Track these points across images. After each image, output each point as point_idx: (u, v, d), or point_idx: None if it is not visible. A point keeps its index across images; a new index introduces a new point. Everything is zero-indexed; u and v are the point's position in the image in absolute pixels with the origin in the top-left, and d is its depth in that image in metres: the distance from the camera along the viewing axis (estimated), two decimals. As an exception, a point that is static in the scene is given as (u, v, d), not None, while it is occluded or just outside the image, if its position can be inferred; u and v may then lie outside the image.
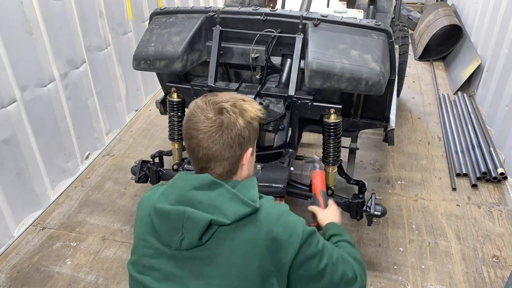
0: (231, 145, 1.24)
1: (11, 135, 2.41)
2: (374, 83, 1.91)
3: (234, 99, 1.29)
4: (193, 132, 1.24)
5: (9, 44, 2.33)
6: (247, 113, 1.28)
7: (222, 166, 1.26)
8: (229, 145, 1.24)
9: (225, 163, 1.26)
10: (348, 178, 2.38)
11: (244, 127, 1.26)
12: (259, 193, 1.26)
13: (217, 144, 1.23)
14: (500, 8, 3.83)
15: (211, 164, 1.25)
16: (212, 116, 1.23)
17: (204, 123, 1.23)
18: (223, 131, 1.23)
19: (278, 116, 2.15)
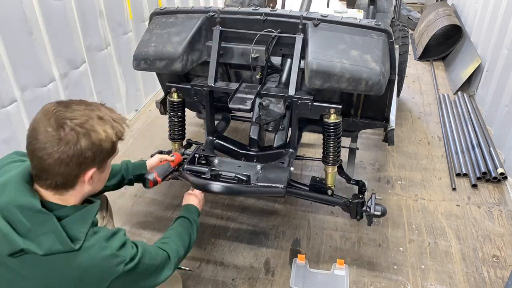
0: (67, 163, 1.19)
1: (11, 135, 2.41)
2: (374, 83, 1.91)
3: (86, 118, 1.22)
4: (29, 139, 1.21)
5: (9, 44, 2.33)
6: (95, 134, 1.21)
7: (55, 180, 1.21)
8: (64, 163, 1.18)
9: (58, 178, 1.21)
10: (348, 178, 2.38)
11: (86, 149, 1.20)
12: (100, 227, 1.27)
13: (51, 158, 1.17)
14: (500, 8, 3.83)
15: (43, 175, 1.21)
16: (51, 130, 1.18)
17: (41, 134, 1.18)
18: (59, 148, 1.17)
19: (278, 116, 2.15)
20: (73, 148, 1.18)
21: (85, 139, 1.19)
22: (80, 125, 1.20)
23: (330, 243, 2.49)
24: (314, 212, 2.71)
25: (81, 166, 1.22)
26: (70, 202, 1.26)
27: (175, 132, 2.41)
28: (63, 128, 1.18)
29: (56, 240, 1.17)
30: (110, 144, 1.26)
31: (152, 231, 2.56)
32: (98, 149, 1.22)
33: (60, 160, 1.17)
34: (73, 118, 1.20)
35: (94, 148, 1.21)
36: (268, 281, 2.26)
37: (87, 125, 1.21)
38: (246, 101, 2.10)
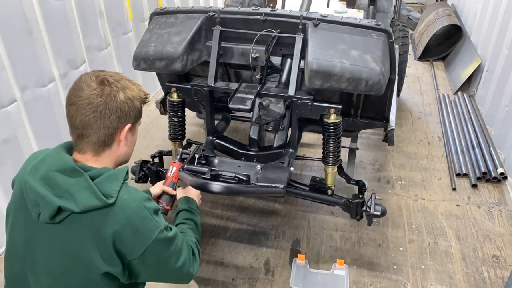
0: (108, 115, 1.30)
1: (11, 135, 2.41)
2: (374, 83, 1.91)
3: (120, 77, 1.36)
4: (73, 99, 1.30)
5: (9, 44, 2.33)
6: (129, 91, 1.35)
7: (97, 135, 1.31)
8: (106, 115, 1.30)
9: (100, 133, 1.31)
10: (348, 178, 2.38)
11: (123, 102, 1.32)
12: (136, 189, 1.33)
13: (94, 112, 1.28)
14: (500, 8, 3.83)
15: (87, 131, 1.31)
16: (93, 85, 1.29)
17: (85, 91, 1.29)
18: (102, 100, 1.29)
19: (278, 116, 2.15)
20: (114, 99, 1.30)
21: (122, 93, 1.32)
22: (117, 81, 1.33)
23: (330, 243, 2.49)
24: (314, 212, 2.71)
25: (119, 120, 1.33)
26: (105, 164, 1.35)
27: (175, 132, 2.41)
28: (104, 83, 1.30)
29: (90, 196, 1.23)
30: (139, 103, 1.39)
31: (152, 231, 2.55)
32: (132, 104, 1.35)
33: (103, 113, 1.29)
34: (111, 76, 1.33)
35: (129, 102, 1.34)
36: (268, 281, 2.26)
37: (122, 82, 1.34)
38: (246, 101, 2.10)
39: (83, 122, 1.29)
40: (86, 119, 1.28)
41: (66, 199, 1.23)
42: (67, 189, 1.24)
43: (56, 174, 1.25)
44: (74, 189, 1.24)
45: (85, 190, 1.24)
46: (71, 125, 1.33)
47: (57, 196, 1.23)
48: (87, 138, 1.31)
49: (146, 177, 2.43)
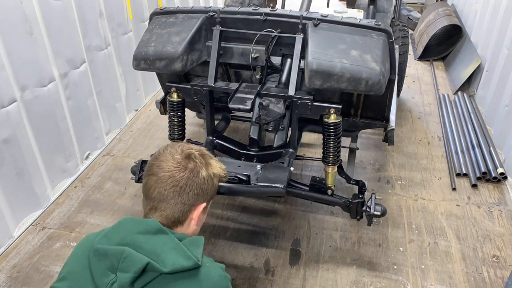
0: (188, 192, 1.25)
1: (11, 135, 2.41)
2: (374, 83, 1.91)
3: (203, 152, 1.33)
4: (155, 169, 1.26)
5: (9, 44, 2.33)
6: (211, 168, 1.31)
7: (172, 211, 1.25)
8: (185, 191, 1.25)
9: (176, 208, 1.25)
10: (348, 178, 2.38)
11: (205, 179, 1.28)
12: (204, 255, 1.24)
13: (175, 186, 1.24)
14: (500, 8, 3.83)
15: (163, 205, 1.25)
16: (178, 158, 1.26)
17: (169, 163, 1.25)
18: (184, 175, 1.24)
19: (278, 116, 2.15)
20: (196, 176, 1.27)
21: (205, 170, 1.29)
22: (202, 156, 1.31)
23: (330, 243, 2.49)
24: (314, 212, 2.71)
25: (197, 197, 1.28)
26: None
27: (175, 132, 2.41)
28: (189, 157, 1.28)
29: (179, 256, 1.15)
30: (217, 181, 1.36)
31: (152, 231, 2.56)
32: (211, 182, 1.32)
33: (183, 188, 1.25)
34: (196, 150, 1.32)
35: (209, 180, 1.30)
36: (268, 281, 2.26)
37: (205, 158, 1.32)
38: (246, 101, 2.10)
39: (160, 195, 1.25)
40: (165, 192, 1.24)
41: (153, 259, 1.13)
42: (152, 250, 1.14)
43: (137, 236, 1.16)
44: (159, 249, 1.15)
45: (172, 251, 1.16)
46: (146, 196, 1.28)
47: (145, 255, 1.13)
48: (161, 211, 1.26)
49: (146, 177, 2.43)
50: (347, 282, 2.25)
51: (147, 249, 1.14)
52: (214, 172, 1.33)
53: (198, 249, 1.21)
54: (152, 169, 1.27)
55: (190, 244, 1.22)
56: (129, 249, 1.13)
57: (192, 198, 1.27)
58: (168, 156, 1.27)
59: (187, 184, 1.25)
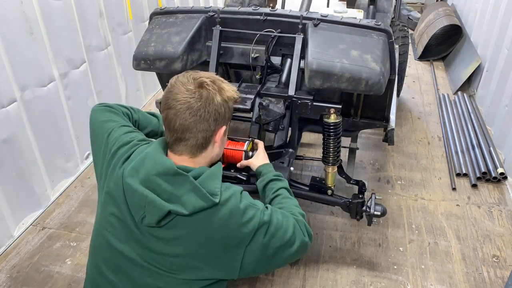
0: (207, 118, 1.31)
1: (11, 135, 2.41)
2: (374, 83, 1.91)
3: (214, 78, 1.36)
4: (172, 103, 1.30)
5: (9, 44, 2.33)
6: (225, 92, 1.35)
7: (196, 139, 1.32)
8: (205, 118, 1.31)
9: (199, 136, 1.32)
10: (348, 178, 2.38)
11: (221, 104, 1.33)
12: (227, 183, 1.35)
13: (194, 116, 1.29)
14: (500, 8, 3.83)
15: (186, 135, 1.31)
16: (192, 88, 1.29)
17: (184, 94, 1.29)
18: (201, 104, 1.29)
19: (278, 116, 2.15)
20: (212, 103, 1.31)
21: (219, 95, 1.33)
22: (213, 82, 1.34)
23: (330, 243, 2.49)
24: (314, 212, 2.71)
25: (216, 122, 1.34)
26: (201, 164, 1.37)
27: (175, 132, 2.41)
28: (202, 86, 1.31)
29: (197, 198, 1.24)
30: (232, 103, 1.40)
31: (152, 231, 2.56)
32: (226, 106, 1.36)
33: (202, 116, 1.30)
34: (207, 77, 1.34)
35: (225, 104, 1.35)
36: (268, 281, 2.26)
37: (217, 83, 1.35)
38: (246, 101, 2.10)
39: (182, 126, 1.30)
40: (186, 123, 1.29)
41: (173, 203, 1.23)
42: (173, 193, 1.24)
43: (157, 178, 1.25)
44: (180, 192, 1.24)
45: (191, 192, 1.24)
46: (168, 128, 1.33)
47: (166, 201, 1.23)
48: (186, 141, 1.32)
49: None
50: (347, 282, 2.25)
51: (168, 192, 1.23)
52: (228, 95, 1.37)
53: (216, 181, 1.29)
54: (169, 103, 1.32)
55: (208, 179, 1.28)
56: (152, 196, 1.23)
57: (212, 123, 1.33)
58: (181, 87, 1.30)
59: (205, 111, 1.30)
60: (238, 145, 2.04)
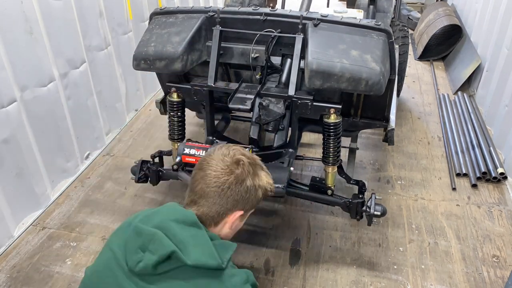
0: (228, 195, 1.27)
1: (11, 135, 2.41)
2: (374, 83, 1.91)
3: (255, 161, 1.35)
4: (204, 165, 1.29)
5: (9, 44, 2.33)
6: (259, 179, 1.32)
7: (209, 209, 1.28)
8: (226, 195, 1.27)
9: (213, 208, 1.28)
10: (348, 178, 2.38)
11: (248, 188, 1.29)
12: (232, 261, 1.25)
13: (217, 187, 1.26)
14: (500, 8, 3.83)
15: (202, 201, 1.28)
16: (228, 160, 1.28)
17: (219, 163, 1.28)
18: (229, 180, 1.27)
19: (278, 116, 2.15)
20: (240, 184, 1.28)
21: (251, 180, 1.30)
22: (251, 165, 1.32)
23: (330, 243, 2.49)
24: (314, 212, 2.71)
25: (236, 203, 1.30)
26: None
27: (175, 132, 2.41)
28: (238, 163, 1.29)
29: (205, 253, 1.17)
30: (262, 194, 1.35)
31: (152, 231, 2.55)
32: (254, 193, 1.32)
33: (224, 191, 1.27)
34: (248, 158, 1.32)
35: (252, 191, 1.31)
36: (268, 281, 2.26)
37: (255, 168, 1.33)
38: (246, 101, 2.10)
39: (202, 191, 1.28)
40: (207, 190, 1.27)
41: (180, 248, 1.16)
42: (182, 240, 1.17)
43: (173, 223, 1.20)
44: (190, 241, 1.17)
45: (200, 246, 1.17)
46: (191, 188, 1.32)
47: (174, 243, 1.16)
48: (199, 206, 1.29)
49: (146, 177, 2.43)
50: (347, 282, 2.25)
51: (178, 238, 1.17)
52: (260, 184, 1.33)
53: (226, 253, 1.23)
54: (202, 164, 1.31)
55: (220, 246, 1.23)
56: (160, 233, 1.17)
57: (230, 203, 1.29)
58: (220, 156, 1.30)
59: (229, 189, 1.27)
60: None
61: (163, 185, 2.87)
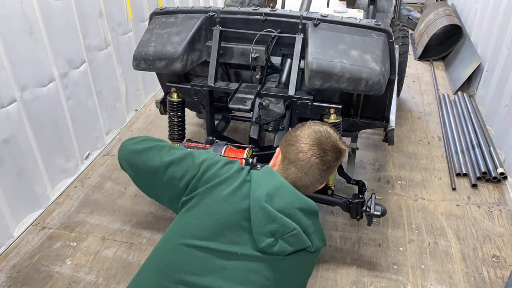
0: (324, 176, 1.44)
1: (11, 135, 2.41)
2: (374, 83, 1.91)
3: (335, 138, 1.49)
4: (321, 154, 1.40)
5: (9, 44, 2.33)
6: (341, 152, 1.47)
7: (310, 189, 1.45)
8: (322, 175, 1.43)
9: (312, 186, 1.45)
10: (348, 178, 2.38)
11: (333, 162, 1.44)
12: None
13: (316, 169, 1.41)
14: (500, 8, 3.83)
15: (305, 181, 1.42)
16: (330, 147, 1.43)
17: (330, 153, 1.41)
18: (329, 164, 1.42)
19: (278, 116, 2.15)
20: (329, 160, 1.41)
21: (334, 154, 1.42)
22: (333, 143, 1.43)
23: (330, 243, 2.49)
24: (314, 212, 2.71)
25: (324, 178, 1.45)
26: None
27: (175, 132, 2.41)
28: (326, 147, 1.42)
29: (320, 238, 1.37)
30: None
31: (152, 231, 2.56)
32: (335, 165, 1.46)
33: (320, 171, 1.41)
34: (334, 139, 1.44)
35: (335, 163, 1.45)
36: (268, 281, 2.26)
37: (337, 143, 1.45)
38: (246, 101, 2.10)
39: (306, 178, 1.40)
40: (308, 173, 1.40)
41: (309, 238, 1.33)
42: (307, 229, 1.32)
43: (298, 212, 1.32)
44: (311, 230, 1.33)
45: (318, 233, 1.36)
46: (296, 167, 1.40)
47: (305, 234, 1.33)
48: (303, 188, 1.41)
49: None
50: (347, 282, 2.25)
51: (303, 227, 1.32)
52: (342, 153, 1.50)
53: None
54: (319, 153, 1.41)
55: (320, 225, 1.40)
56: (299, 229, 1.30)
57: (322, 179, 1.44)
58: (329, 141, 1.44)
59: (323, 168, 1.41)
60: (238, 153, 2.04)
61: (163, 185, 2.86)
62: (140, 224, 2.61)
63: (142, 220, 2.65)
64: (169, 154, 1.48)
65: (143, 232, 2.55)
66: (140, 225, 2.60)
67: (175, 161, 1.45)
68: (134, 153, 1.53)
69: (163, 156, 1.48)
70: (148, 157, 1.49)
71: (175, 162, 1.45)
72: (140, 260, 2.35)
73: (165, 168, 1.44)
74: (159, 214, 2.69)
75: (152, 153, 1.50)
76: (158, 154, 1.49)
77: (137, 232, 2.55)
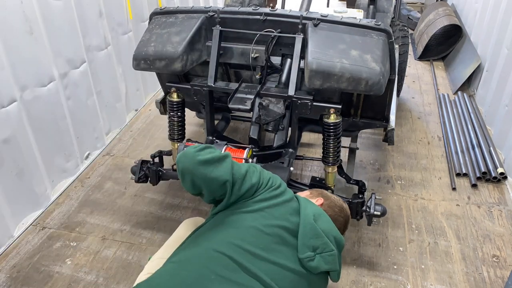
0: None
1: (11, 135, 2.41)
2: (374, 83, 1.91)
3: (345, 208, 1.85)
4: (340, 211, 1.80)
5: (9, 44, 2.33)
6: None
7: None
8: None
9: None
10: (348, 178, 2.38)
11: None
12: None
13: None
14: (500, 8, 3.83)
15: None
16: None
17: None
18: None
19: (278, 116, 2.15)
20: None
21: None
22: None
23: (330, 243, 2.49)
24: (314, 212, 2.71)
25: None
26: None
27: (175, 132, 2.41)
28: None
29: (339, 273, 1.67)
30: None
31: (152, 231, 2.56)
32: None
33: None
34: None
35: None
36: (268, 281, 2.26)
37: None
38: (246, 101, 2.10)
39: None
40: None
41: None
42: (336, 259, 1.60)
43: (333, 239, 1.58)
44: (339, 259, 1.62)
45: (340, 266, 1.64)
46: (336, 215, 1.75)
47: None
48: None
49: (146, 177, 2.44)
50: (347, 282, 2.25)
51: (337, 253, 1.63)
52: None
53: None
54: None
55: None
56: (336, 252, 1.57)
57: None
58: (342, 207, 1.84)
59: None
60: (238, 153, 2.04)
61: (163, 185, 2.87)
62: (140, 224, 2.62)
63: (142, 220, 2.65)
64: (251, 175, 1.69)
65: (143, 232, 2.55)
66: (140, 225, 2.60)
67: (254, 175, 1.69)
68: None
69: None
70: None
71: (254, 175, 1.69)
72: (140, 260, 2.35)
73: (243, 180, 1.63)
74: (159, 214, 2.69)
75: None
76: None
77: (137, 232, 2.55)
